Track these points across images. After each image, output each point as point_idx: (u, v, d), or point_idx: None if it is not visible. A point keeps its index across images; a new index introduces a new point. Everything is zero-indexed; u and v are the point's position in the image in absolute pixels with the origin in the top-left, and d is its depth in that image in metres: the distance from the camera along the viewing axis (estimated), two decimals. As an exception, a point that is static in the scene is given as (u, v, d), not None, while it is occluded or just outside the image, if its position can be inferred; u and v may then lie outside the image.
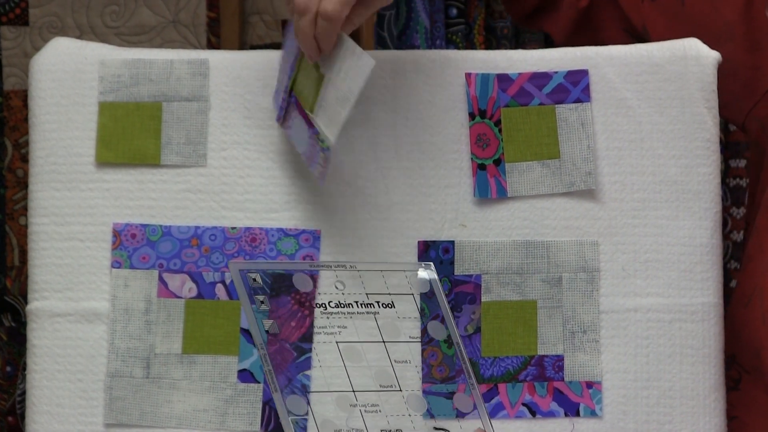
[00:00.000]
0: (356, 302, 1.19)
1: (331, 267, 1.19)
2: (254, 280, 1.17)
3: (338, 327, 1.19)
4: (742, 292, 1.27)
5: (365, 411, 1.17)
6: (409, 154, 1.23)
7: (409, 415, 1.17)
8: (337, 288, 1.19)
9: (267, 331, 1.17)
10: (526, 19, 1.45)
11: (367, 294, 1.19)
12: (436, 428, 1.18)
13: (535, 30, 1.50)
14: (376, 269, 1.20)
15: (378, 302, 1.19)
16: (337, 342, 1.19)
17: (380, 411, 1.17)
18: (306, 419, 1.17)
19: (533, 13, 1.44)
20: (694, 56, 1.24)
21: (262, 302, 1.17)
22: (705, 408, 1.21)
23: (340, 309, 1.19)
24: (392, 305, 1.19)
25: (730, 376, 1.25)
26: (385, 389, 1.18)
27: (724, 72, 1.25)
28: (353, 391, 1.17)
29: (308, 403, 1.17)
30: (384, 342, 1.18)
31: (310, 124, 1.14)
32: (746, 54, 1.30)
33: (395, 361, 1.19)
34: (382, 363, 1.18)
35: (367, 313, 1.19)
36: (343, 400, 1.17)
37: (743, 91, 1.31)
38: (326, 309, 1.19)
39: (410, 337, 1.19)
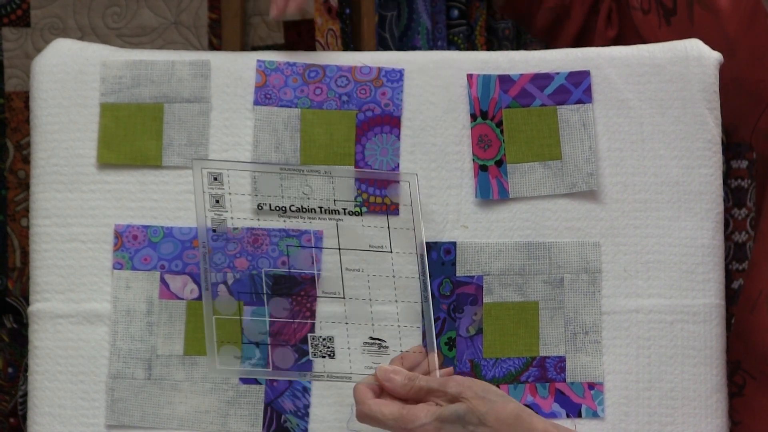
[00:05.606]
0: (320, 208, 1.17)
1: (303, 171, 1.18)
2: (215, 179, 1.16)
3: (293, 231, 1.18)
4: (748, 297, 1.26)
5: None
6: (410, 155, 1.22)
7: (346, 323, 1.17)
8: (303, 193, 1.18)
9: (214, 230, 1.16)
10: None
11: (335, 200, 1.18)
12: (372, 338, 1.17)
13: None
14: (351, 176, 1.19)
15: (344, 209, 1.18)
16: (287, 246, 1.18)
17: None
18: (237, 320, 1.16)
19: (572, 46, 1.48)
20: (696, 57, 1.24)
21: (217, 201, 1.16)
22: (707, 409, 1.21)
23: (300, 214, 1.18)
24: (359, 213, 1.18)
25: (734, 382, 1.25)
26: (326, 296, 1.17)
27: (729, 91, 1.25)
28: (291, 294, 1.17)
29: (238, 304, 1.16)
30: (339, 249, 1.17)
31: None
32: (750, 68, 1.30)
33: (346, 269, 1.18)
34: (331, 270, 1.18)
35: (330, 219, 1.18)
36: (277, 304, 1.16)
37: (749, 105, 1.31)
38: (285, 212, 1.18)
39: (369, 246, 1.19)
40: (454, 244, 1.22)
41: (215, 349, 1.14)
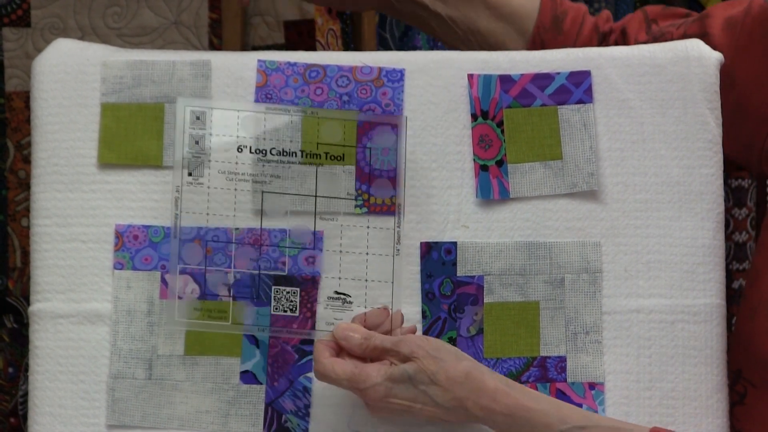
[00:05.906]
0: (302, 151, 1.17)
1: (289, 112, 1.18)
2: (197, 118, 1.16)
3: (271, 176, 1.18)
4: (749, 305, 1.26)
5: (267, 267, 1.17)
6: (411, 155, 1.22)
7: (312, 276, 1.17)
8: (287, 136, 1.17)
9: (190, 174, 1.16)
10: None
11: (318, 143, 1.17)
12: (337, 292, 1.17)
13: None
14: (338, 117, 1.18)
15: (327, 153, 1.17)
16: (262, 192, 1.18)
17: (284, 270, 1.16)
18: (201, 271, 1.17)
19: None
20: (696, 57, 1.24)
21: (197, 143, 1.16)
22: (708, 409, 1.21)
23: (281, 157, 1.17)
24: (342, 158, 1.18)
25: (736, 391, 1.25)
26: (296, 246, 1.17)
27: (735, 120, 1.25)
28: (260, 245, 1.16)
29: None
30: (316, 196, 1.17)
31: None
32: (752, 91, 1.29)
33: (320, 217, 1.17)
34: (303, 218, 1.17)
35: (310, 164, 1.17)
36: (244, 254, 1.16)
37: (755, 129, 1.29)
38: (265, 155, 1.17)
39: (347, 193, 1.18)
40: (454, 244, 1.22)
41: (175, 298, 1.14)
